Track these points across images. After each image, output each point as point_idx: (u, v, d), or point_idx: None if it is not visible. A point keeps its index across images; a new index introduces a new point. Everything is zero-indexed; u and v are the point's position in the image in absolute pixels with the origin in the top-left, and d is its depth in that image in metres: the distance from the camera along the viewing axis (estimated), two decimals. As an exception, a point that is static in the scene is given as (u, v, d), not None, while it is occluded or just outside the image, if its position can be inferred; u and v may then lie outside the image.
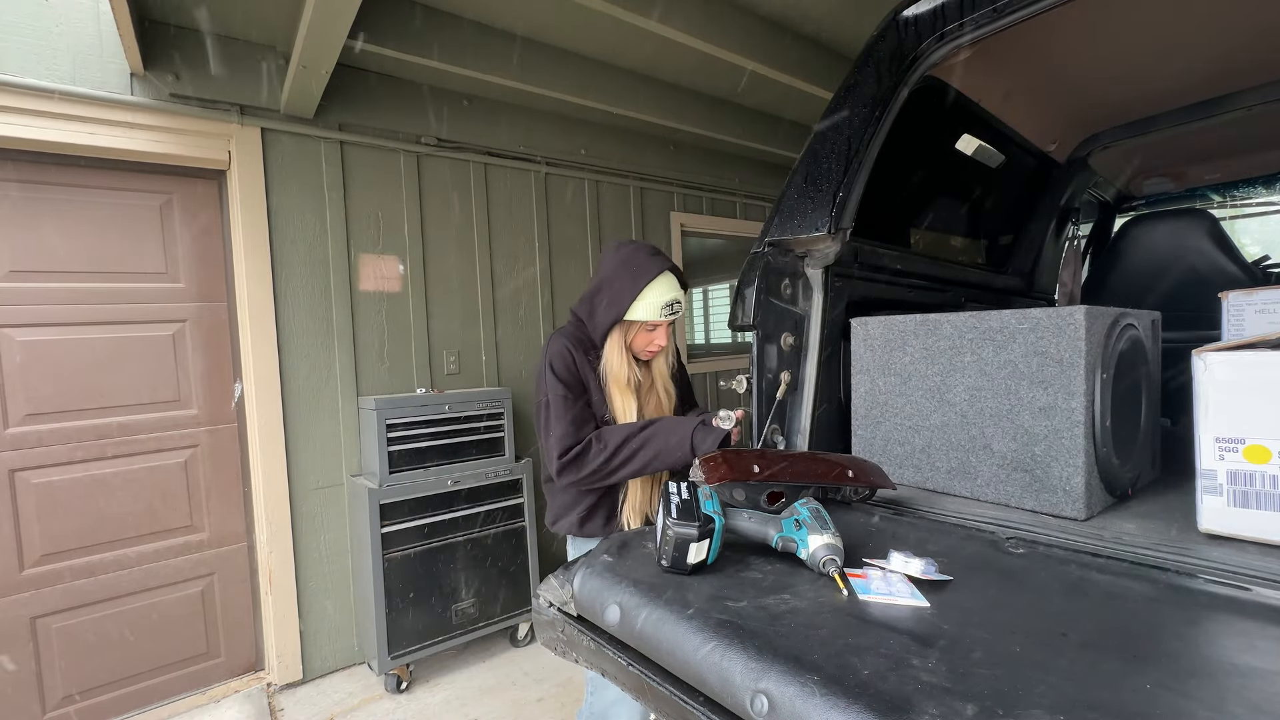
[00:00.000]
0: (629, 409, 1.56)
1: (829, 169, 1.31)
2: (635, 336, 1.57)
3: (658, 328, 1.57)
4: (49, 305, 2.30)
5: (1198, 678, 0.60)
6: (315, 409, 2.67)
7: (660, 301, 1.52)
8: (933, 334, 1.21)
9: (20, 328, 2.26)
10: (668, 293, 1.53)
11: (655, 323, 1.55)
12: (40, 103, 2.14)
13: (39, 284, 2.28)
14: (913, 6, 1.31)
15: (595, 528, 1.62)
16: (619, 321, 1.54)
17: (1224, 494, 0.89)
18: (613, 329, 1.55)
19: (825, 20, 2.85)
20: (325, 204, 2.68)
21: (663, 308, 1.52)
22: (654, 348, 1.60)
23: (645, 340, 1.58)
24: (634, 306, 1.51)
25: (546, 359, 1.55)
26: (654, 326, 1.56)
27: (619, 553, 0.99)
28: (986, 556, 0.93)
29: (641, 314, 1.52)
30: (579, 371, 1.56)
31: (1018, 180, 2.04)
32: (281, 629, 2.59)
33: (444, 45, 2.57)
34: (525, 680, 2.63)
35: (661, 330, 1.58)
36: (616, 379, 1.56)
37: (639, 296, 1.51)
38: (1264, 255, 2.27)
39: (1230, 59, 1.51)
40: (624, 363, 1.56)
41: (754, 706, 0.63)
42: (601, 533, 1.62)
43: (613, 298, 1.52)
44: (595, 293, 1.57)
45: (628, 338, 1.56)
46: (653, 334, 1.57)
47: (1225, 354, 0.89)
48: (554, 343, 1.57)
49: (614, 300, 1.52)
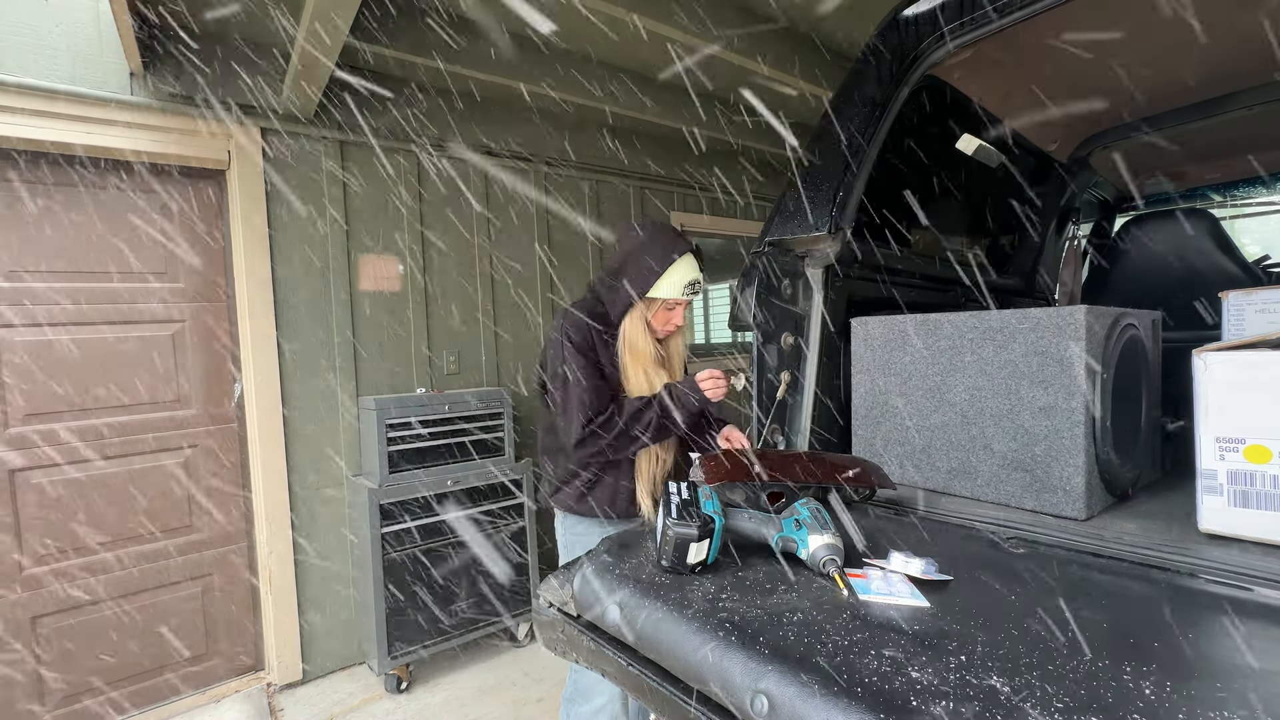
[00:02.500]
0: (647, 384, 1.58)
1: (829, 169, 1.31)
2: (655, 314, 1.59)
3: (677, 307, 1.60)
4: (49, 305, 2.30)
5: (1198, 678, 0.59)
6: (315, 409, 2.67)
7: (684, 280, 1.56)
8: (933, 334, 1.20)
9: (20, 327, 2.26)
10: (691, 272, 1.56)
11: (677, 301, 1.58)
12: (40, 102, 2.14)
13: (39, 284, 2.28)
14: (913, 6, 1.31)
15: (589, 507, 1.63)
16: (641, 298, 1.56)
17: (1224, 494, 0.89)
18: (634, 305, 1.57)
19: (825, 20, 2.85)
20: (325, 204, 2.68)
21: (685, 286, 1.56)
22: (670, 327, 1.63)
23: (664, 319, 1.61)
24: (659, 284, 1.54)
25: (563, 331, 1.55)
26: (675, 305, 1.59)
27: (619, 553, 0.99)
28: (986, 556, 0.93)
29: (666, 291, 1.55)
30: (595, 345, 1.58)
31: (1018, 180, 2.04)
32: (281, 629, 2.59)
33: (444, 45, 2.57)
34: (525, 680, 2.63)
35: (680, 310, 1.61)
36: (636, 354, 1.58)
37: (665, 274, 1.53)
38: (1264, 255, 2.27)
39: (1230, 59, 1.50)
40: (646, 338, 1.59)
41: (754, 706, 0.63)
42: (595, 514, 1.63)
43: (638, 274, 1.55)
44: (619, 269, 1.58)
45: (648, 314, 1.59)
46: (671, 313, 1.61)
47: (1225, 354, 0.88)
48: (569, 316, 1.58)
49: (639, 277, 1.55)
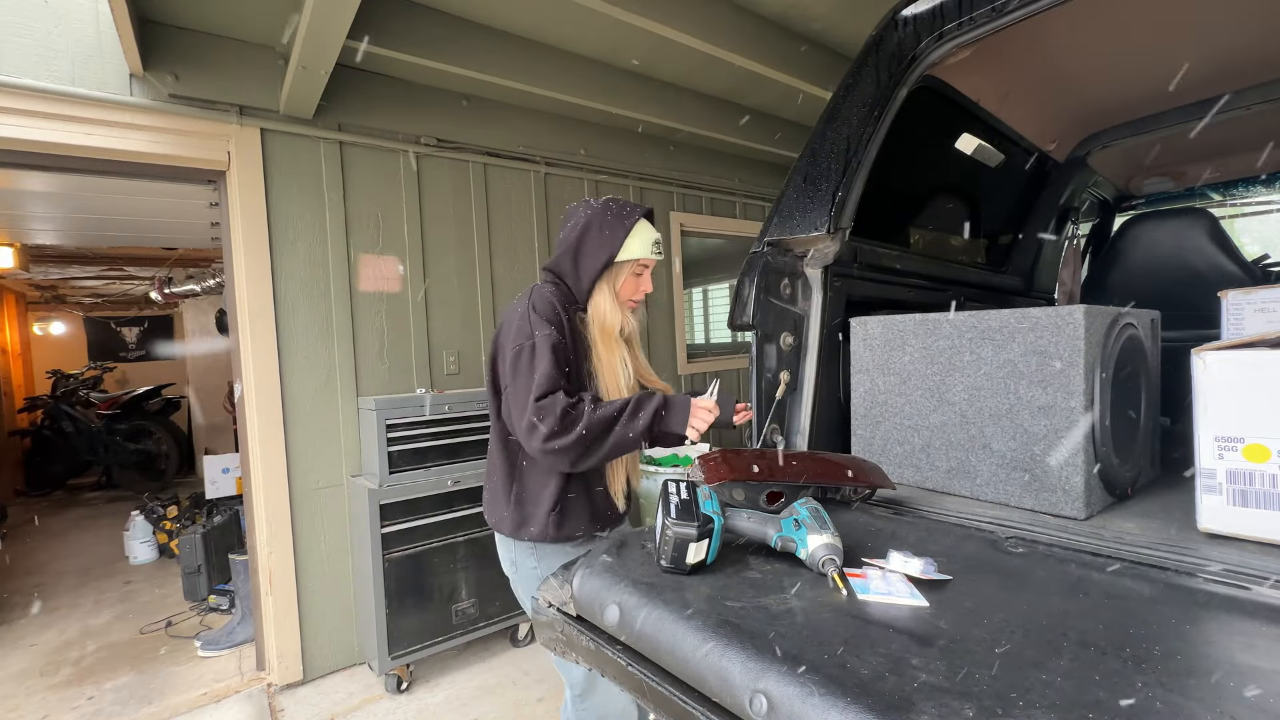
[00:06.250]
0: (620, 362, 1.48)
1: (828, 168, 1.31)
2: (624, 282, 1.51)
3: (644, 271, 1.53)
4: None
5: (1197, 677, 0.60)
6: (315, 409, 2.67)
7: (650, 239, 1.50)
8: (932, 334, 1.21)
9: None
10: (654, 231, 1.52)
11: (647, 261, 1.51)
12: (39, 103, 2.14)
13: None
14: (912, 6, 1.31)
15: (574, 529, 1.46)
16: (610, 265, 1.48)
17: (1223, 493, 0.89)
18: (601, 277, 1.49)
19: (825, 20, 2.85)
20: (325, 204, 2.68)
21: (653, 245, 1.51)
22: (639, 295, 1.55)
23: (633, 287, 1.53)
24: (627, 244, 1.47)
25: (528, 303, 1.42)
26: (642, 269, 1.52)
27: (619, 553, 0.99)
28: (986, 556, 0.93)
29: (635, 251, 1.48)
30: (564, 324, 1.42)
31: (1017, 179, 2.04)
32: (281, 629, 2.59)
33: (444, 45, 2.57)
34: (525, 680, 2.63)
35: (647, 275, 1.54)
36: (607, 330, 1.48)
37: (630, 234, 1.47)
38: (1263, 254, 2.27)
39: (1230, 58, 1.50)
40: (616, 310, 1.49)
41: (753, 706, 0.63)
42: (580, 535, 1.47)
43: (601, 240, 1.46)
44: (577, 242, 1.48)
45: (616, 284, 1.50)
46: (639, 279, 1.53)
47: (1224, 353, 0.89)
48: (535, 291, 1.45)
49: (603, 243, 1.46)
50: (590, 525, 1.50)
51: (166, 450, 6.29)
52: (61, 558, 4.46)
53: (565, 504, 1.46)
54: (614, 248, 1.46)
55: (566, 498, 1.46)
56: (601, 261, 1.47)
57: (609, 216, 1.48)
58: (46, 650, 3.06)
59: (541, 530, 1.45)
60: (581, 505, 1.49)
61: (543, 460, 1.37)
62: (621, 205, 1.51)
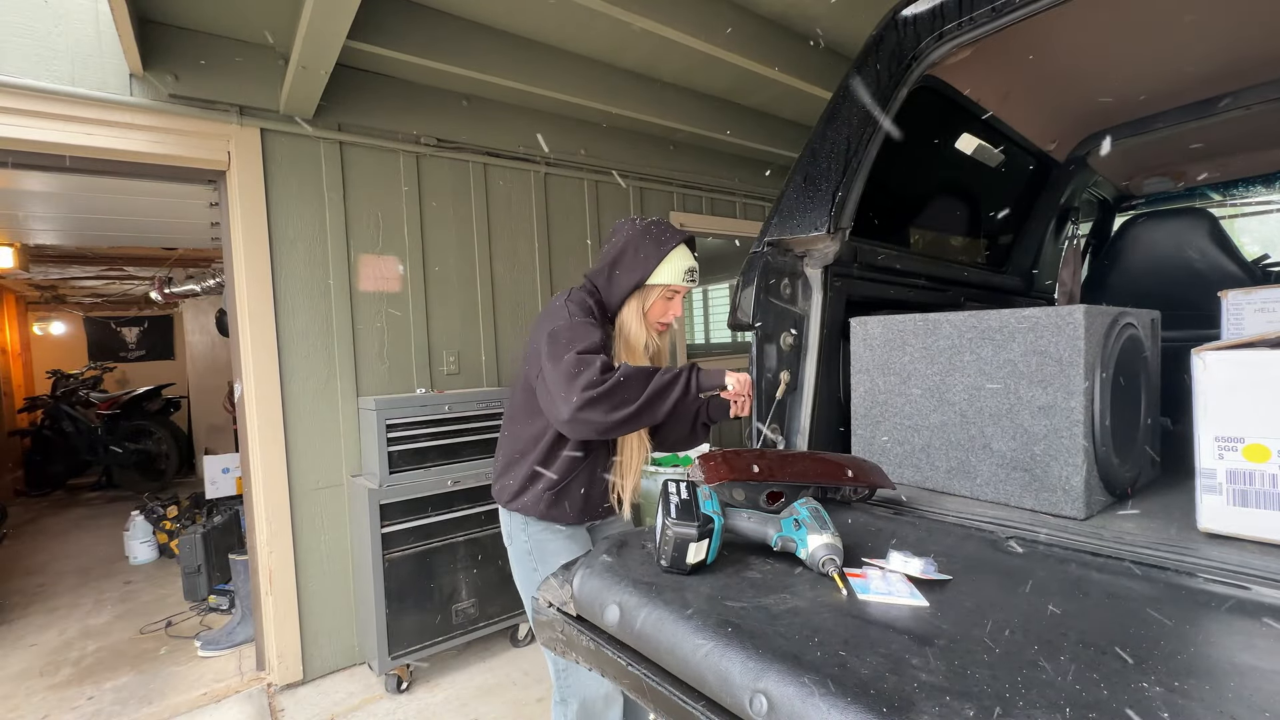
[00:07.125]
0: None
1: (828, 168, 1.31)
2: (653, 305, 1.56)
3: (675, 296, 1.58)
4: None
5: (1197, 677, 0.59)
6: (315, 409, 2.67)
7: (684, 266, 1.55)
8: (932, 334, 1.20)
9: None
10: (689, 260, 1.56)
11: (677, 288, 1.56)
12: (39, 103, 2.14)
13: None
14: (912, 6, 1.31)
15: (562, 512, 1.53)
16: (640, 287, 1.54)
17: (1223, 493, 0.89)
18: (632, 295, 1.55)
19: (825, 20, 2.84)
20: (325, 204, 2.68)
21: (685, 273, 1.55)
22: (668, 318, 1.60)
23: (662, 309, 1.58)
24: (659, 270, 1.52)
25: (565, 298, 1.48)
26: (673, 294, 1.57)
27: (619, 553, 0.99)
28: (986, 556, 0.93)
29: (666, 277, 1.53)
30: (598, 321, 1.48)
31: (1017, 180, 2.04)
32: (281, 629, 2.59)
33: (444, 45, 2.57)
34: (525, 680, 2.63)
35: (678, 299, 1.59)
36: (631, 344, 1.55)
37: (664, 260, 1.52)
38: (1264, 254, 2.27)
39: (1230, 58, 1.50)
40: (642, 328, 1.56)
41: (753, 706, 0.63)
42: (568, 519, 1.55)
43: (636, 262, 1.52)
44: (616, 259, 1.54)
45: (645, 305, 1.56)
46: (670, 303, 1.58)
47: (1224, 353, 0.88)
48: (573, 292, 1.52)
49: (637, 265, 1.52)
50: (580, 516, 1.57)
51: (166, 450, 6.30)
52: (61, 558, 4.47)
53: (564, 487, 1.53)
54: (646, 271, 1.52)
55: (568, 481, 1.53)
56: (633, 282, 1.53)
57: (647, 240, 1.53)
58: (46, 650, 3.06)
59: (534, 504, 1.53)
60: (577, 494, 1.55)
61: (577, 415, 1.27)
62: (662, 230, 1.55)
